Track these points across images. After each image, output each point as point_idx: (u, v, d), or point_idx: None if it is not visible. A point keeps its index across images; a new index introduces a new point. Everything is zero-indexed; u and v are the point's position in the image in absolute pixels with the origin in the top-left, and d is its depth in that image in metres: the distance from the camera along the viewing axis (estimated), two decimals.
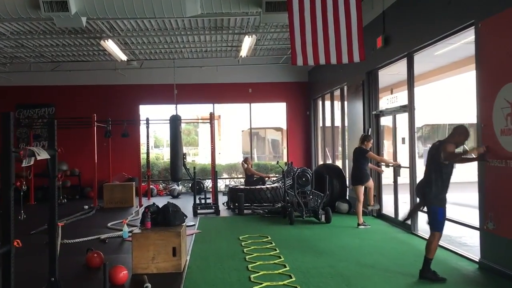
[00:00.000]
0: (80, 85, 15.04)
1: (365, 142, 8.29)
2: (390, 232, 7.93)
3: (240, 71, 15.28)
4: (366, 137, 8.38)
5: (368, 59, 9.58)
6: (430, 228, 5.22)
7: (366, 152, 8.20)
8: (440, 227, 5.12)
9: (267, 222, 9.31)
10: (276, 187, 11.00)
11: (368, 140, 8.31)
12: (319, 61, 6.01)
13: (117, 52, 11.40)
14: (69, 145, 14.82)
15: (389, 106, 8.95)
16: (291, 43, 6.08)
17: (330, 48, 5.86)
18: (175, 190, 14.24)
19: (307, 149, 15.57)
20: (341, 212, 9.96)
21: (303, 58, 5.90)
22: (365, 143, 8.29)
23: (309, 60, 5.92)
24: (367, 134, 8.52)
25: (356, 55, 5.94)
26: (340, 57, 5.90)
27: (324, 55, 5.88)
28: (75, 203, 12.95)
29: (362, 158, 8.22)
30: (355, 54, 5.93)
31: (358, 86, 10.06)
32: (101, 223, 9.43)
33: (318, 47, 5.86)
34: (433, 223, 5.14)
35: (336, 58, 5.88)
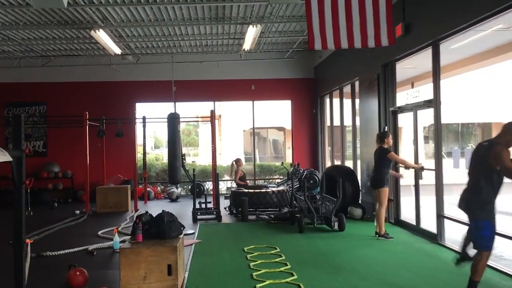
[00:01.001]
0: (73, 81, 14.19)
1: (385, 140, 7.39)
2: (413, 243, 7.07)
3: (243, 66, 14.44)
4: (384, 134, 7.47)
5: (384, 51, 8.75)
6: (474, 246, 4.32)
7: (386, 153, 7.30)
8: (489, 245, 4.22)
9: (274, 229, 8.46)
10: (282, 190, 10.15)
11: (387, 137, 7.41)
12: (341, 45, 5.14)
13: (110, 44, 10.54)
14: (61, 146, 14.08)
15: (409, 102, 8.09)
16: (308, 24, 5.20)
17: (354, 30, 4.99)
18: (173, 193, 13.39)
19: (313, 149, 14.71)
20: (354, 218, 9.11)
21: (321, 41, 5.03)
22: (385, 141, 7.39)
23: (329, 44, 5.06)
24: (384, 131, 7.60)
25: (384, 38, 5.10)
26: (366, 41, 5.04)
27: (346, 38, 5.02)
28: (67, 207, 12.12)
29: (382, 159, 7.32)
30: (383, 37, 5.08)
31: (373, 80, 9.21)
32: (91, 231, 8.58)
33: (339, 29, 4.99)
34: (479, 241, 4.24)
35: (361, 41, 5.03)
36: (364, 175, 9.90)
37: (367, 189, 9.68)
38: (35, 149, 14.22)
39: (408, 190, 9.68)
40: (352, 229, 8.17)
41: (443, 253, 6.36)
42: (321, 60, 13.63)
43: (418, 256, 6.22)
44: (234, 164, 11.50)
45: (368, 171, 9.63)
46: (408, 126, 9.42)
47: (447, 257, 6.08)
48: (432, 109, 7.00)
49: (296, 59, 14.42)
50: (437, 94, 6.88)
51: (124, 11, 9.59)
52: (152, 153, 26.75)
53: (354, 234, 7.85)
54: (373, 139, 9.23)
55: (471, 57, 8.63)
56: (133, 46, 12.99)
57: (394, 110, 8.57)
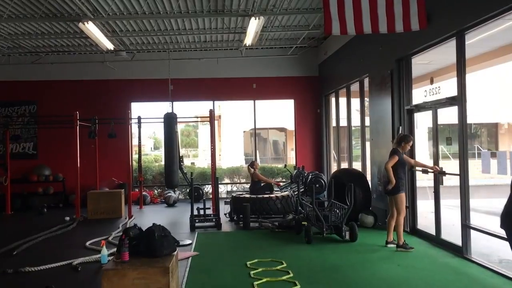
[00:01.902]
0: (65, 80, 13.46)
1: (403, 144, 6.66)
2: (436, 256, 6.34)
3: (243, 64, 13.72)
4: (405, 137, 6.72)
5: (398, 44, 8.05)
6: None
7: (392, 153, 6.62)
8: None
9: (278, 239, 7.73)
10: (287, 195, 9.41)
11: (407, 141, 6.67)
12: (363, 29, 4.42)
13: (101, 39, 9.81)
14: (52, 147, 13.34)
15: (427, 99, 7.36)
16: (324, 4, 4.47)
17: (379, 12, 4.27)
18: (170, 198, 12.66)
19: (318, 151, 13.98)
20: (365, 226, 8.38)
21: (340, 25, 4.31)
22: (402, 145, 6.66)
23: (349, 28, 4.33)
24: (406, 134, 6.86)
25: (415, 21, 4.38)
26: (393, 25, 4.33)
27: (370, 21, 4.30)
28: (57, 213, 11.41)
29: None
30: (413, 20, 4.36)
31: (385, 77, 8.49)
32: (80, 241, 7.85)
33: (361, 11, 4.27)
34: None
35: (387, 25, 4.31)
36: (375, 179, 9.18)
37: (379, 195, 8.96)
38: (25, 151, 13.49)
39: (424, 193, 8.98)
40: (364, 238, 7.44)
41: (472, 269, 5.63)
42: (326, 57, 12.91)
43: (445, 274, 5.48)
44: (250, 168, 10.71)
45: (379, 175, 8.91)
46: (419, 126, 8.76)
47: (478, 275, 5.36)
48: (456, 107, 6.27)
49: (299, 56, 13.70)
50: (462, 90, 6.16)
51: (116, 2, 8.88)
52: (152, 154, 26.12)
53: (367, 244, 7.12)
54: (385, 140, 8.54)
55: (494, 51, 7.94)
56: (128, 42, 12.27)
57: (409, 108, 7.85)
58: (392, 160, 6.60)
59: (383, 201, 8.72)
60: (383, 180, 7.06)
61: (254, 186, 10.58)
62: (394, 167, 6.61)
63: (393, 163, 6.58)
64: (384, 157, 8.59)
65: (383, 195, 8.73)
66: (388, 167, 6.61)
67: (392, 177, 6.55)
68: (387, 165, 6.63)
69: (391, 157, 6.65)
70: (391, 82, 8.21)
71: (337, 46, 11.88)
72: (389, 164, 6.61)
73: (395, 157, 6.60)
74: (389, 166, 6.60)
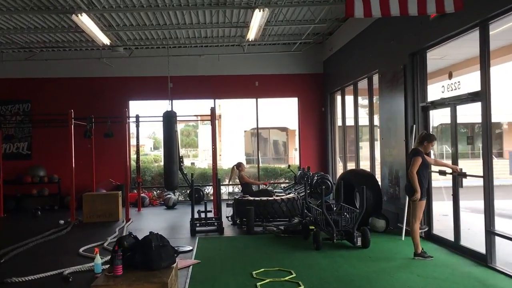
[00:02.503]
0: (60, 77, 12.98)
1: (425, 143, 6.13)
2: (457, 265, 5.85)
3: (246, 61, 13.24)
4: (428, 136, 6.17)
5: (411, 37, 7.57)
6: None
7: (413, 155, 6.06)
8: None
9: (285, 245, 7.25)
10: (293, 198, 8.92)
11: (430, 141, 6.13)
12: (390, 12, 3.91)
13: (97, 33, 9.32)
14: (47, 147, 12.84)
15: (445, 95, 6.87)
16: None
17: None
18: (170, 200, 12.17)
19: (322, 151, 13.49)
20: (376, 231, 7.89)
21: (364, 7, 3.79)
22: (424, 145, 6.14)
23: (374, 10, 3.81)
24: (429, 133, 6.29)
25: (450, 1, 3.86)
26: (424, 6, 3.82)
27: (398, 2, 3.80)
28: (52, 216, 10.91)
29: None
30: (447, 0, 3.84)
31: (397, 72, 8.00)
32: (73, 247, 7.35)
33: None
34: None
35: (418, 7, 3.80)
36: (385, 180, 8.70)
37: (390, 197, 8.48)
38: (19, 151, 13.00)
39: (438, 193, 8.48)
40: (377, 244, 6.95)
41: (500, 280, 5.14)
42: (332, 53, 12.42)
43: (471, 286, 5.00)
44: (235, 169, 10.25)
45: (391, 176, 8.43)
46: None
47: (506, 287, 4.88)
48: (479, 103, 5.78)
49: (304, 52, 13.21)
50: (486, 85, 5.67)
51: None
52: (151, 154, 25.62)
53: (381, 251, 6.63)
54: (397, 139, 8.06)
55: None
56: (125, 38, 11.78)
57: (425, 105, 7.36)
58: (416, 164, 5.98)
59: (395, 204, 8.25)
60: (405, 185, 6.51)
61: (246, 189, 10.08)
62: (417, 170, 6.06)
63: (417, 167, 5.98)
64: (396, 157, 8.14)
65: (394, 197, 8.28)
66: (413, 173, 5.97)
67: (417, 185, 5.95)
68: (412, 171, 5.98)
69: (414, 160, 6.00)
70: (404, 77, 7.73)
71: (343, 42, 11.40)
72: (414, 169, 5.97)
73: (418, 160, 6.00)
74: (414, 172, 5.97)
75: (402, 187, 7.90)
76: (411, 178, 5.97)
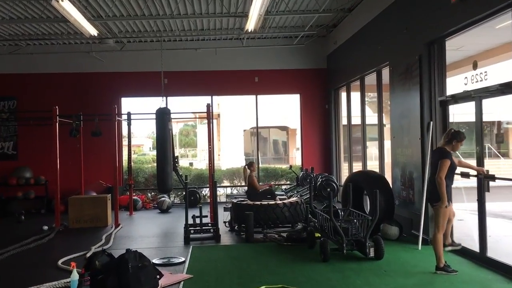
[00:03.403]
0: (47, 72, 12.24)
1: (454, 142, 5.32)
2: (486, 281, 5.10)
3: (245, 55, 12.50)
4: (458, 134, 5.34)
5: (429, 24, 6.82)
6: None
7: (442, 156, 5.24)
8: None
9: (288, 255, 6.50)
10: (296, 202, 8.17)
11: (460, 139, 5.31)
12: None
13: (82, 22, 8.55)
14: (34, 147, 12.07)
15: (468, 88, 6.12)
16: None
17: None
18: (164, 203, 11.41)
19: (326, 151, 12.74)
20: (388, 238, 7.13)
21: None
22: (453, 144, 5.34)
23: None
24: (458, 130, 5.48)
25: None
26: None
27: None
28: (37, 220, 10.17)
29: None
30: None
31: (412, 64, 7.26)
32: (53, 257, 6.60)
33: None
34: None
35: None
36: (397, 182, 7.95)
37: (402, 201, 7.74)
38: (4, 151, 12.24)
39: (458, 194, 7.72)
40: (391, 255, 6.21)
41: None
42: (336, 46, 11.67)
43: None
44: (247, 168, 9.50)
45: (403, 178, 7.69)
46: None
47: None
48: None
49: (306, 46, 12.47)
50: None
51: None
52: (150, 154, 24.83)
53: (397, 264, 5.89)
54: (411, 137, 7.33)
55: None
56: (116, 30, 11.01)
57: (443, 100, 6.62)
58: (445, 168, 5.19)
59: (408, 208, 7.51)
60: (428, 190, 5.72)
61: (252, 191, 9.35)
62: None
63: (446, 171, 5.19)
64: (409, 158, 7.40)
65: (407, 201, 7.53)
66: (441, 179, 5.18)
67: (444, 191, 5.19)
68: (441, 176, 5.18)
69: (442, 163, 5.20)
70: (420, 69, 6.98)
71: (348, 34, 10.66)
72: (443, 174, 5.19)
73: (447, 163, 5.20)
74: (443, 177, 5.18)
75: (417, 190, 7.16)
76: (438, 184, 5.17)
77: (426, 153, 6.82)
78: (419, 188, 7.04)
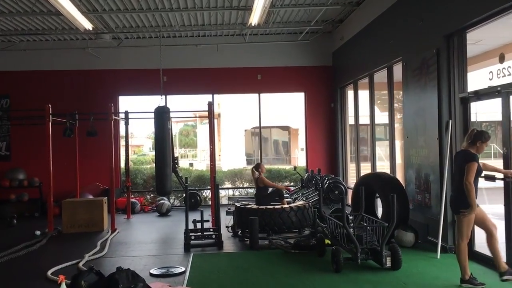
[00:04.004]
0: (42, 70, 11.77)
1: (478, 143, 4.83)
2: None
3: (247, 51, 12.02)
4: (482, 134, 4.83)
5: (447, 14, 6.34)
6: None
7: (469, 159, 4.73)
8: None
9: (296, 265, 6.02)
10: (303, 206, 7.68)
11: (485, 140, 4.81)
12: None
13: (75, 14, 8.05)
14: (27, 147, 11.58)
15: (494, 83, 5.64)
16: None
17: None
18: (163, 206, 10.92)
19: (331, 151, 12.25)
20: (403, 245, 6.63)
21: None
22: (477, 145, 4.84)
23: None
24: (482, 130, 4.96)
25: None
26: None
27: None
28: (30, 224, 9.70)
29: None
30: None
31: (428, 59, 6.77)
32: (43, 266, 6.11)
33: None
34: None
35: None
36: (411, 185, 7.46)
37: (417, 205, 7.25)
38: None
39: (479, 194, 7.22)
40: (408, 265, 5.72)
41: None
42: (343, 42, 11.19)
43: None
44: (255, 171, 9.00)
45: (418, 181, 7.20)
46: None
47: None
48: None
49: (311, 42, 11.99)
50: None
51: None
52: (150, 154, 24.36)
53: (416, 275, 5.40)
54: (427, 137, 6.85)
55: None
56: (113, 25, 10.51)
57: (465, 96, 6.13)
58: (472, 172, 4.68)
59: (424, 213, 7.02)
60: (451, 196, 5.21)
61: (260, 193, 8.88)
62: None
63: (474, 176, 4.69)
64: (425, 159, 6.91)
65: (423, 205, 7.05)
66: (470, 184, 4.66)
67: (474, 198, 4.68)
68: (469, 181, 4.66)
69: (470, 167, 4.69)
70: (438, 64, 6.50)
71: (356, 29, 10.17)
72: (471, 178, 4.67)
73: (474, 166, 4.68)
74: (471, 182, 4.67)
75: (434, 194, 6.68)
76: (467, 189, 4.65)
77: (444, 155, 6.34)
78: (437, 191, 6.56)
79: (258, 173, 8.94)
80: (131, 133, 11.55)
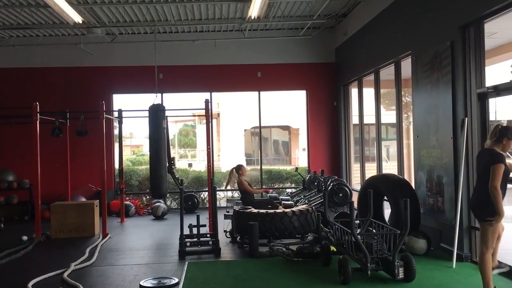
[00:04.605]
0: (31, 67, 11.29)
1: (504, 141, 4.32)
2: None
3: (246, 47, 11.54)
4: (507, 130, 4.32)
5: (463, 4, 5.87)
6: None
7: (495, 161, 4.21)
8: None
9: (300, 275, 5.53)
10: (306, 210, 7.19)
11: (511, 136, 4.38)
12: None
13: (62, 5, 7.56)
14: (17, 148, 11.08)
15: None
16: None
17: None
18: (158, 209, 10.44)
19: (334, 152, 11.77)
20: (415, 253, 6.13)
21: None
22: (503, 143, 4.34)
23: None
24: (508, 126, 4.45)
25: None
26: None
27: None
28: (18, 228, 9.20)
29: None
30: None
31: (441, 52, 6.29)
32: (26, 276, 5.62)
33: None
34: None
35: None
36: (422, 188, 6.98)
37: (428, 209, 6.77)
38: None
39: None
40: (422, 275, 5.24)
41: None
42: (346, 38, 10.71)
43: None
44: (235, 172, 8.57)
45: (429, 183, 6.72)
46: None
47: None
48: None
49: (313, 37, 11.51)
50: None
51: None
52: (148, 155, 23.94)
53: (431, 287, 4.92)
54: (440, 136, 6.37)
55: None
56: (106, 19, 10.03)
57: (483, 92, 5.65)
58: (499, 175, 4.15)
59: (436, 218, 6.54)
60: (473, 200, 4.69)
61: (247, 198, 8.37)
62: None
63: (500, 178, 4.16)
64: (437, 160, 6.43)
65: (435, 210, 6.57)
66: (497, 189, 4.13)
67: (502, 204, 4.15)
68: (495, 185, 4.13)
69: (496, 169, 4.16)
70: (452, 57, 6.02)
71: (360, 23, 9.70)
72: (498, 182, 4.15)
73: (500, 168, 4.16)
74: (498, 186, 4.14)
75: (448, 197, 6.20)
76: (493, 195, 4.13)
77: (460, 155, 5.86)
78: (451, 195, 6.08)
79: (238, 175, 8.50)
80: (131, 133, 11.07)
